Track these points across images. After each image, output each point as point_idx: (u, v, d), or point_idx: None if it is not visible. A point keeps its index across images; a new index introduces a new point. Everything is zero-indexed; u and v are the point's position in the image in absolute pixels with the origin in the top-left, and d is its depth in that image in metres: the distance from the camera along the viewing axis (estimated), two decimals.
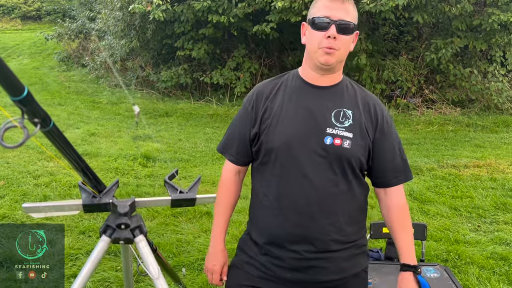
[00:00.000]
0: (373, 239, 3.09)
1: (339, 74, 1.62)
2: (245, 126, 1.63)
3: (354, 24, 1.50)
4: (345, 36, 1.48)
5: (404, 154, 1.67)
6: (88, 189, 0.82)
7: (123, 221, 0.79)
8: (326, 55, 1.48)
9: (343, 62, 1.58)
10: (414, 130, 7.81)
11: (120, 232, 0.79)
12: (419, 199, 4.61)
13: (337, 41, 1.47)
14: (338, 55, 1.50)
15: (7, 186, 4.62)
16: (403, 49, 9.57)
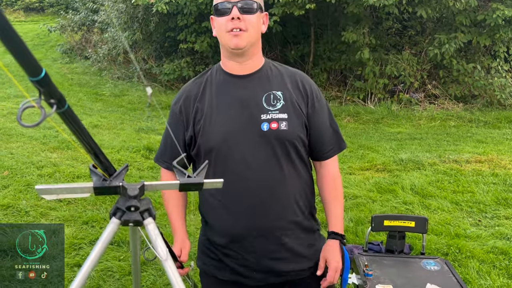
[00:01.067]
0: (374, 231, 3.12)
1: (258, 58, 1.58)
2: (178, 131, 1.60)
3: (258, 3, 1.48)
4: (250, 16, 1.46)
5: (336, 124, 1.67)
6: (99, 172, 0.84)
7: (133, 203, 0.81)
8: (235, 37, 1.45)
9: (258, 44, 1.55)
10: (416, 125, 7.82)
11: (129, 215, 0.81)
12: (421, 193, 4.63)
13: (242, 22, 1.44)
14: (248, 37, 1.47)
15: (11, 177, 4.66)
16: (407, 44, 9.54)
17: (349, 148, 6.23)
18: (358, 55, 8.67)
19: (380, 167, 5.43)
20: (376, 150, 6.17)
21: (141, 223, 0.80)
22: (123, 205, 0.81)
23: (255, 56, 1.56)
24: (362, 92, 9.19)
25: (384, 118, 8.25)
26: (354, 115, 8.40)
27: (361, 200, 4.41)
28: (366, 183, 4.88)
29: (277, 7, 8.26)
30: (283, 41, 10.71)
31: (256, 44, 1.53)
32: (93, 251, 0.78)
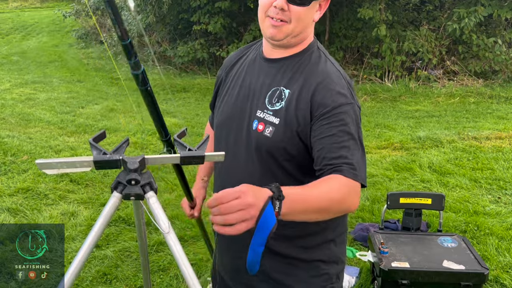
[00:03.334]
0: (390, 209, 3.09)
1: (301, 45, 1.34)
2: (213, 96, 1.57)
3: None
4: (299, 8, 1.21)
5: (354, 147, 1.21)
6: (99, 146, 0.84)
7: (133, 177, 0.81)
8: (273, 28, 1.24)
9: (304, 34, 1.31)
10: (435, 103, 7.66)
11: (130, 188, 0.81)
12: (439, 171, 4.56)
13: (287, 12, 1.22)
14: (289, 30, 1.25)
15: (30, 161, 4.74)
16: (424, 20, 9.29)
17: (365, 127, 6.16)
18: (374, 32, 8.49)
19: (398, 146, 5.35)
20: (393, 128, 6.08)
21: (142, 196, 0.80)
22: (123, 179, 0.81)
23: (296, 46, 1.33)
24: (379, 70, 9.03)
25: (401, 96, 8.11)
26: (371, 94, 8.27)
27: (377, 179, 4.36)
28: (383, 162, 4.82)
29: None
30: None
31: (300, 34, 1.29)
32: (96, 224, 0.78)
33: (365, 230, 3.26)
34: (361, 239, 3.24)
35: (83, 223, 3.52)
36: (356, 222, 3.51)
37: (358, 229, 3.33)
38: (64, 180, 4.26)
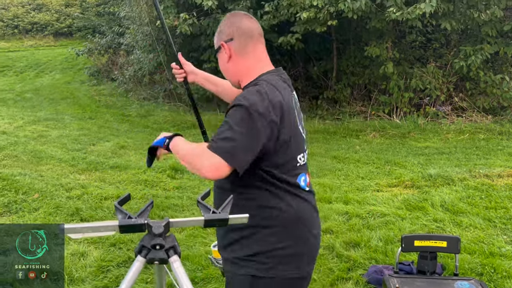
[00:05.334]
0: (405, 252, 3.04)
1: (244, 83, 1.70)
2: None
3: (217, 46, 1.73)
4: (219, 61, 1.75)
5: (220, 131, 1.50)
6: (124, 210, 0.85)
7: (158, 241, 0.81)
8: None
9: (231, 80, 1.77)
10: (444, 139, 7.65)
11: (155, 253, 0.81)
12: (451, 210, 4.50)
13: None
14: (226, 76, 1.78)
15: (41, 199, 4.76)
16: (431, 57, 9.41)
17: (375, 164, 6.14)
18: (382, 69, 8.60)
19: (409, 183, 5.31)
20: (403, 165, 6.06)
21: (166, 261, 0.80)
22: (148, 243, 0.81)
23: (238, 83, 1.72)
24: (387, 106, 9.08)
25: (410, 132, 8.11)
26: (379, 130, 8.29)
27: (389, 218, 4.30)
28: (394, 200, 4.77)
29: (298, 25, 8.30)
30: (306, 57, 10.73)
31: (232, 78, 1.75)
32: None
33: (379, 272, 3.19)
34: (375, 282, 3.17)
35: (92, 264, 3.49)
36: (369, 264, 3.45)
37: (372, 271, 3.27)
38: (74, 219, 4.27)
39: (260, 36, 1.72)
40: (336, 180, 5.54)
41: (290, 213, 1.59)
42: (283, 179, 1.58)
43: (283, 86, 1.64)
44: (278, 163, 1.56)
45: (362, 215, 4.36)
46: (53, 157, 6.46)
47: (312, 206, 1.70)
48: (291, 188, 1.60)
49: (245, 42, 1.67)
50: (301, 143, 1.66)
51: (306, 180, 1.67)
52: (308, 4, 7.79)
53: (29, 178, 5.40)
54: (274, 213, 1.57)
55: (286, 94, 1.60)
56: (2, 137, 7.72)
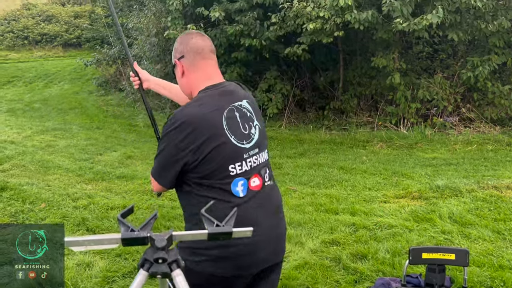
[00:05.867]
0: (412, 264, 3.00)
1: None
2: None
3: (173, 64, 1.93)
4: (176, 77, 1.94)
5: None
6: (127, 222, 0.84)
7: (161, 255, 0.80)
8: None
9: (186, 95, 1.95)
10: (451, 150, 7.59)
11: (157, 266, 0.80)
12: (459, 222, 4.45)
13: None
14: (181, 90, 1.98)
15: (48, 209, 4.78)
16: (438, 68, 9.39)
17: (382, 175, 6.11)
18: (388, 80, 8.59)
19: (416, 195, 5.26)
20: (411, 176, 6.01)
21: (169, 275, 0.79)
22: (151, 257, 0.80)
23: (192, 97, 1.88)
24: (394, 117, 9.05)
25: (418, 143, 8.07)
26: (386, 141, 8.25)
27: (397, 230, 4.26)
28: (402, 212, 4.73)
29: (305, 36, 8.33)
30: (312, 68, 10.75)
31: (184, 91, 1.95)
32: None
33: (387, 285, 3.15)
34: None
35: (98, 274, 3.48)
36: (376, 276, 3.41)
37: (379, 284, 3.23)
38: (80, 229, 4.27)
39: (210, 52, 1.90)
40: (342, 191, 5.51)
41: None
42: (212, 188, 1.71)
43: (217, 99, 1.78)
44: (202, 174, 1.70)
45: (369, 226, 4.33)
46: (61, 167, 6.50)
47: (252, 212, 1.75)
48: (220, 196, 1.69)
49: (195, 59, 1.85)
50: (236, 153, 1.74)
51: (246, 185, 1.75)
52: (314, 15, 7.82)
53: (36, 187, 5.43)
54: (199, 225, 1.69)
55: (213, 108, 1.74)
56: (10, 147, 7.78)
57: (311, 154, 7.64)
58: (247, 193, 1.75)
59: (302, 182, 5.94)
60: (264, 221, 1.78)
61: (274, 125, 9.86)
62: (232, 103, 1.81)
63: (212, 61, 1.90)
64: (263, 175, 1.83)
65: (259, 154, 1.83)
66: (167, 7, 9.15)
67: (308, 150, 7.91)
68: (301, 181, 5.98)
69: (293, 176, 6.24)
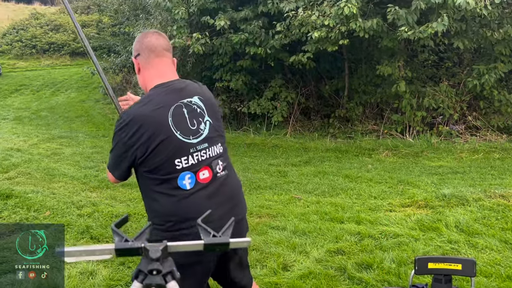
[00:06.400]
0: (418, 274, 2.96)
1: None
2: None
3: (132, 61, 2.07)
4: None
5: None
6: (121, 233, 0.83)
7: (155, 266, 0.78)
8: None
9: (142, 87, 2.03)
10: (458, 158, 7.54)
11: (152, 278, 0.78)
12: (466, 231, 4.39)
13: None
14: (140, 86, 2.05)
15: (52, 217, 4.78)
16: (444, 76, 9.36)
17: (388, 184, 6.06)
18: (394, 88, 8.57)
19: (422, 203, 5.22)
20: (416, 185, 5.96)
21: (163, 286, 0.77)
22: (145, 268, 0.78)
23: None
24: (399, 125, 9.02)
25: (424, 151, 8.02)
26: (392, 149, 8.21)
27: (403, 239, 4.22)
28: (408, 221, 4.68)
29: (310, 44, 8.34)
30: (317, 76, 10.75)
31: (142, 87, 2.03)
32: None
33: None
34: None
35: (101, 283, 3.47)
36: (382, 286, 3.37)
37: None
38: (84, 237, 4.26)
39: (164, 51, 1.97)
40: (348, 199, 5.48)
41: (164, 213, 1.84)
42: (159, 180, 1.82)
43: (164, 97, 1.87)
44: (150, 167, 1.81)
45: (374, 235, 4.28)
46: (66, 175, 6.51)
47: (200, 202, 1.84)
48: (167, 189, 1.82)
49: (149, 57, 1.94)
50: (181, 148, 1.84)
51: (193, 178, 1.85)
52: (319, 24, 7.84)
53: (41, 195, 5.44)
54: (152, 213, 1.89)
55: (158, 106, 1.84)
56: (16, 155, 7.82)
57: (316, 162, 7.61)
58: (195, 186, 1.85)
59: (307, 190, 5.91)
60: (216, 211, 1.82)
61: (279, 133, 9.85)
62: (181, 100, 1.89)
63: (167, 59, 1.98)
64: (214, 167, 1.91)
65: (209, 148, 1.92)
66: (172, 16, 9.21)
67: (313, 158, 7.88)
68: (306, 189, 5.95)
69: (298, 184, 6.21)
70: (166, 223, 1.84)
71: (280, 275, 3.53)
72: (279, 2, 8.56)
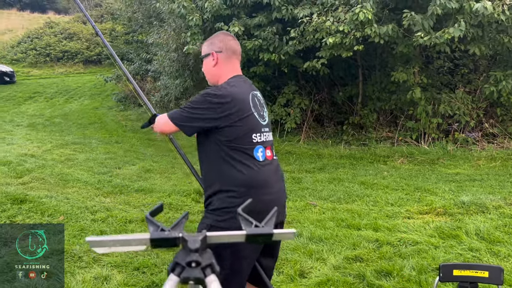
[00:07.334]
0: (443, 282, 2.86)
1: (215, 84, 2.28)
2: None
3: (203, 55, 2.31)
4: (204, 64, 2.32)
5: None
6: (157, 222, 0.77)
7: (194, 258, 0.72)
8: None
9: (210, 79, 2.32)
10: (475, 166, 7.39)
11: (190, 271, 0.72)
12: (487, 239, 4.27)
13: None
14: (207, 75, 2.34)
15: (66, 221, 4.75)
16: (460, 82, 9.23)
17: (405, 191, 5.96)
18: (409, 94, 8.47)
19: (440, 211, 5.10)
20: (434, 192, 5.85)
21: (202, 281, 0.71)
22: (182, 260, 0.72)
23: (218, 83, 2.24)
24: (414, 132, 8.89)
25: (440, 158, 7.88)
26: (407, 156, 8.09)
27: (422, 247, 4.11)
28: (427, 228, 4.57)
29: (324, 50, 8.29)
30: (331, 82, 10.69)
31: (209, 79, 2.32)
32: None
33: None
34: None
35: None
36: None
37: None
38: None
39: (239, 55, 2.33)
40: (364, 206, 5.38)
41: (242, 180, 2.06)
42: (238, 150, 2.07)
43: (243, 85, 2.21)
44: (231, 137, 2.06)
45: (393, 242, 4.18)
46: (79, 180, 6.51)
47: (268, 175, 2.14)
48: (244, 159, 2.07)
49: (231, 56, 2.27)
50: (257, 126, 2.15)
51: (263, 153, 2.14)
52: (334, 30, 7.79)
53: (55, 200, 5.42)
54: (230, 178, 2.07)
55: (242, 90, 2.16)
56: (30, 160, 7.86)
57: (330, 169, 7.52)
58: (265, 160, 2.14)
59: (322, 197, 5.82)
60: (275, 185, 2.18)
61: (292, 140, 9.78)
62: (252, 90, 2.25)
63: (239, 62, 2.35)
64: (272, 149, 2.24)
65: (269, 133, 2.25)
66: (186, 23, 9.24)
67: (327, 165, 7.79)
68: (321, 196, 5.87)
69: (312, 190, 6.12)
70: (240, 188, 2.06)
71: (297, 282, 3.45)
72: (293, 8, 8.54)
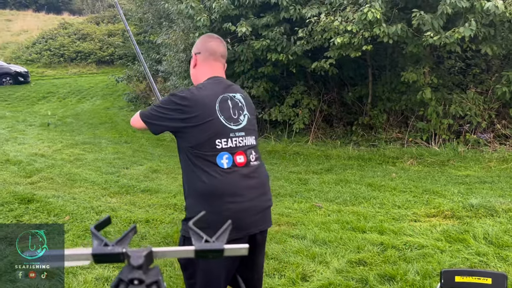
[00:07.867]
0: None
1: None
2: None
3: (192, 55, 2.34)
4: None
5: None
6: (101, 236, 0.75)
7: (136, 275, 0.70)
8: None
9: (192, 80, 2.34)
10: (486, 168, 7.26)
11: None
12: (496, 243, 4.18)
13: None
14: (191, 77, 2.37)
15: (71, 221, 4.78)
16: (471, 83, 9.08)
17: (413, 193, 5.87)
18: (419, 95, 8.35)
19: (448, 214, 5.02)
20: (443, 194, 5.75)
21: None
22: (125, 277, 0.70)
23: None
24: (425, 133, 8.77)
25: (450, 160, 7.76)
26: (417, 157, 7.98)
27: (428, 250, 4.04)
28: (433, 231, 4.50)
29: (332, 50, 8.22)
30: (340, 83, 10.60)
31: (192, 80, 2.34)
32: None
33: None
34: None
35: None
36: None
37: None
38: None
39: (221, 57, 2.30)
40: (370, 208, 5.31)
41: (203, 189, 2.05)
42: (200, 157, 2.06)
43: (215, 87, 2.18)
44: (194, 143, 2.06)
45: (398, 246, 4.12)
46: (87, 180, 6.55)
47: (234, 182, 2.07)
48: (206, 166, 2.05)
49: (208, 58, 2.26)
50: (223, 130, 2.10)
51: (230, 159, 2.08)
52: (342, 30, 7.72)
53: (62, 200, 5.46)
54: (194, 187, 2.08)
55: (210, 93, 2.14)
56: (40, 160, 7.93)
57: (338, 170, 7.45)
58: (232, 166, 2.08)
59: (328, 198, 5.77)
60: (248, 192, 2.10)
61: (300, 140, 9.72)
62: (227, 93, 2.20)
63: (220, 64, 2.31)
64: (248, 155, 2.15)
65: (246, 137, 2.17)
66: (195, 23, 9.24)
67: (335, 166, 7.72)
68: (327, 197, 5.81)
69: (319, 192, 6.07)
70: (200, 198, 2.06)
71: (298, 285, 3.41)
72: (301, 8, 8.48)
